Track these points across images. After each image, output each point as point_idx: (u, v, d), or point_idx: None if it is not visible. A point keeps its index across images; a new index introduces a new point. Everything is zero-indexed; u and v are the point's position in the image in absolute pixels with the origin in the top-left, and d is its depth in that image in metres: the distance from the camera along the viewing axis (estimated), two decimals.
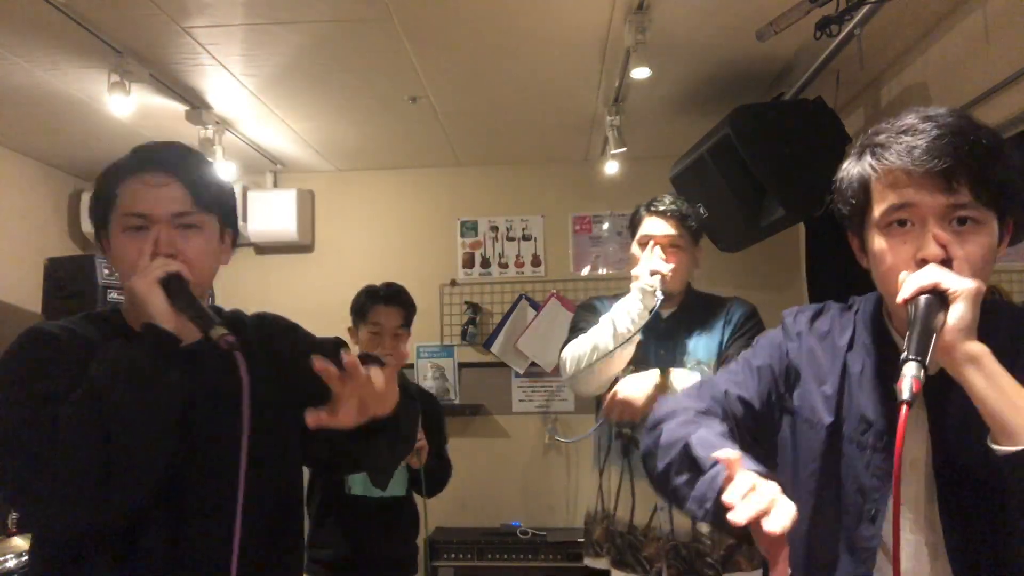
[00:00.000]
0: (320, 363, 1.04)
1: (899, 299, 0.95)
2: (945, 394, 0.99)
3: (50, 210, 3.88)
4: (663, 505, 2.07)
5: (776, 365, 1.19)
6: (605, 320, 2.09)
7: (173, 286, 1.13)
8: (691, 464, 1.03)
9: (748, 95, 2.99)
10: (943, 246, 0.95)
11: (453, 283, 4.14)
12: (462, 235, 4.17)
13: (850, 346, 1.14)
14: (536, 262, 4.13)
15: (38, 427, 1.04)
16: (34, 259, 3.60)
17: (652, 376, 2.04)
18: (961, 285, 0.91)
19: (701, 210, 3.13)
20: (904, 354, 0.89)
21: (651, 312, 2.04)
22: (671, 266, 2.09)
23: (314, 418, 1.08)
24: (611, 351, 2.05)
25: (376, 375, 1.11)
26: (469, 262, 4.15)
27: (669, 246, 2.14)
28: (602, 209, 4.08)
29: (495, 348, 4.07)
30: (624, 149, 3.12)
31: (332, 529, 2.45)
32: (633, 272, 2.10)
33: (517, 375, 4.05)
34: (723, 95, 3.02)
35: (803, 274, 3.61)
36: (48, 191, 3.85)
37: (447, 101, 3.19)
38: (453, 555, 3.67)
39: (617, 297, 2.16)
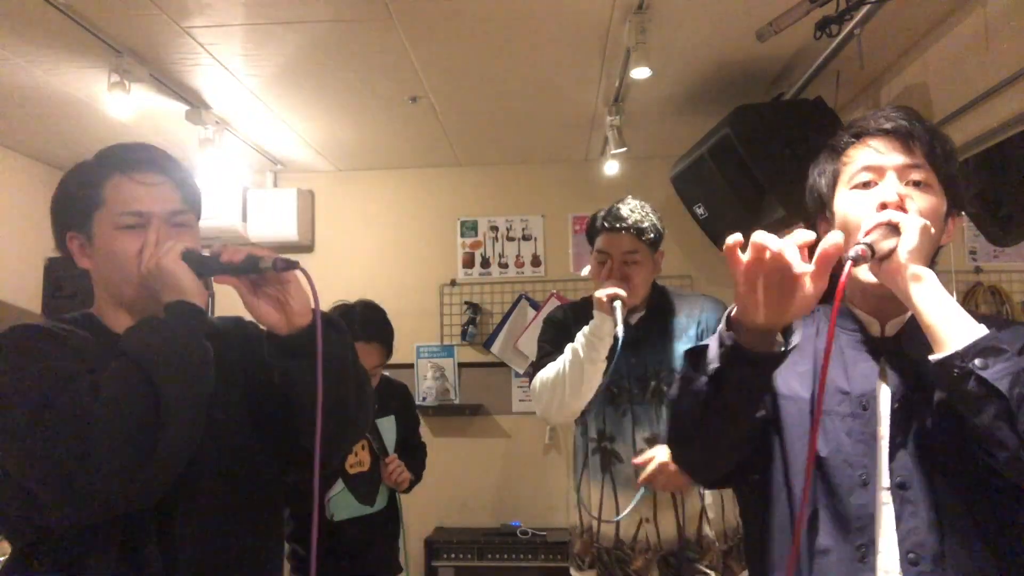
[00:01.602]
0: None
1: (860, 236, 1.06)
2: (903, 351, 1.13)
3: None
4: (648, 517, 2.05)
5: None
6: (569, 350, 2.04)
7: (192, 260, 1.15)
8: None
9: (748, 95, 2.99)
10: (900, 198, 1.10)
11: (453, 283, 4.14)
12: (462, 235, 4.17)
13: (818, 332, 1.23)
14: (536, 262, 4.13)
15: (76, 397, 1.01)
16: (34, 259, 3.60)
17: None
18: (912, 220, 1.04)
19: (700, 210, 3.14)
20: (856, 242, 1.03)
21: (615, 335, 1.97)
22: (625, 290, 2.01)
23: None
24: (578, 381, 2.00)
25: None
26: (469, 262, 4.16)
27: (626, 262, 2.08)
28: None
29: (495, 348, 4.07)
30: (624, 149, 3.12)
31: (320, 558, 2.36)
32: (595, 296, 2.03)
33: (517, 375, 4.04)
34: (723, 95, 3.02)
35: None
36: (48, 191, 3.83)
37: (447, 101, 3.19)
38: (453, 555, 3.67)
39: (587, 302, 2.11)
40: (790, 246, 0.93)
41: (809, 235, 0.94)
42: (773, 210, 2.73)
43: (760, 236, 0.94)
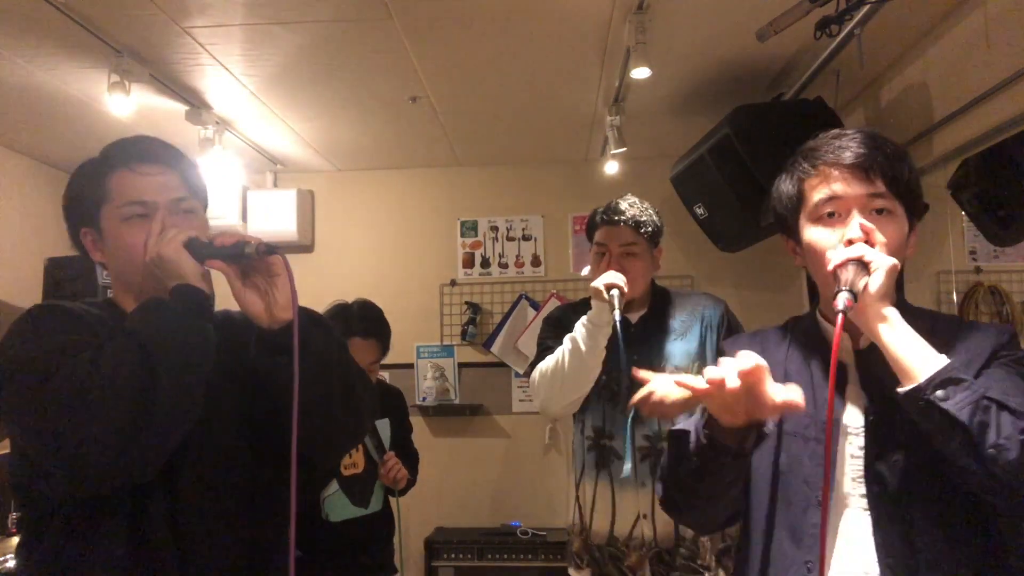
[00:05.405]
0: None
1: (830, 266, 1.10)
2: (875, 364, 1.14)
3: (50, 210, 3.87)
4: (646, 513, 2.05)
5: None
6: (568, 340, 2.04)
7: (194, 247, 1.17)
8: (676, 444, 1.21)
9: (748, 95, 2.99)
10: (866, 233, 1.12)
11: (453, 283, 4.14)
12: (462, 235, 4.17)
13: (787, 356, 1.26)
14: (536, 262, 4.13)
15: (77, 369, 1.04)
16: (34, 259, 3.60)
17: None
18: (881, 260, 1.08)
19: (700, 210, 3.14)
20: (838, 288, 1.06)
21: (613, 325, 1.96)
22: (624, 278, 2.01)
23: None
24: (577, 371, 2.00)
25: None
26: (469, 262, 4.16)
27: (625, 255, 2.10)
28: None
29: (495, 348, 4.07)
30: (624, 149, 3.12)
31: (317, 558, 2.35)
32: (592, 285, 2.03)
33: (517, 375, 4.05)
34: (723, 95, 3.02)
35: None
36: (48, 191, 3.85)
37: (447, 101, 3.19)
38: (453, 555, 3.67)
39: (586, 303, 2.11)
40: (733, 376, 1.00)
41: (750, 362, 1.00)
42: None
43: (715, 372, 1.03)
